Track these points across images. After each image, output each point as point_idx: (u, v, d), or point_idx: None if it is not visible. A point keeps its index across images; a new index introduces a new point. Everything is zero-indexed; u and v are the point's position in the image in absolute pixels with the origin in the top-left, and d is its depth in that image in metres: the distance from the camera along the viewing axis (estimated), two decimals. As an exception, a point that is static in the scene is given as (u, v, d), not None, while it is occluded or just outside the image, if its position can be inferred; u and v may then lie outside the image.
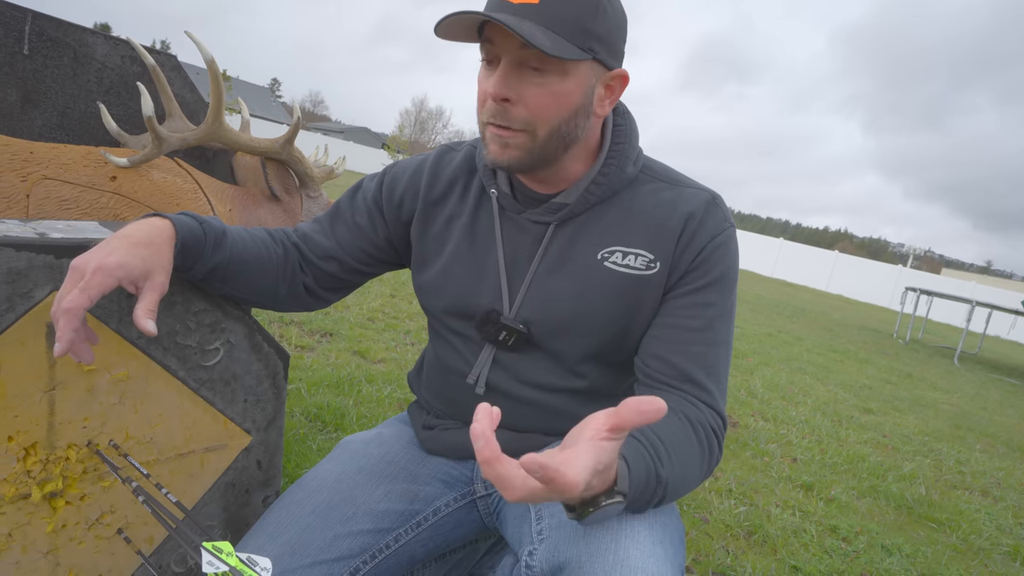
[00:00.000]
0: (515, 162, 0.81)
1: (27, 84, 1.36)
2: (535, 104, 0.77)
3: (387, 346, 3.19)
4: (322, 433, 2.05)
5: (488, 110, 0.79)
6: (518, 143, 0.79)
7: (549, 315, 0.87)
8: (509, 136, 0.79)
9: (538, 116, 0.78)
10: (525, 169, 0.83)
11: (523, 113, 0.78)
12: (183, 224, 0.77)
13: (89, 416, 0.77)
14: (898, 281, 20.59)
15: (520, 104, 0.77)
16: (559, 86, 0.77)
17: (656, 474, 0.67)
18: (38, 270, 0.71)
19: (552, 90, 0.77)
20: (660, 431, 0.72)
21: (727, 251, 0.85)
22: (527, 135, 0.79)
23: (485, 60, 0.79)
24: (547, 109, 0.78)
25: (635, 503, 0.67)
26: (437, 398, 1.00)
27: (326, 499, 0.87)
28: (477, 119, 0.83)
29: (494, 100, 0.77)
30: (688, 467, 0.73)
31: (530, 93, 0.77)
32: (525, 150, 0.80)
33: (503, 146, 0.80)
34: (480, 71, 0.81)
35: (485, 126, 0.81)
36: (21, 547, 0.76)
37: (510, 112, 0.78)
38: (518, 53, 0.75)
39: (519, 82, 0.76)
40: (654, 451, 0.68)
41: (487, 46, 0.77)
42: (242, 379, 0.92)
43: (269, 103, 47.99)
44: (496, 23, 0.72)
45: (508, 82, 0.76)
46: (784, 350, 5.77)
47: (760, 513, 2.14)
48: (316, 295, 0.98)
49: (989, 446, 3.76)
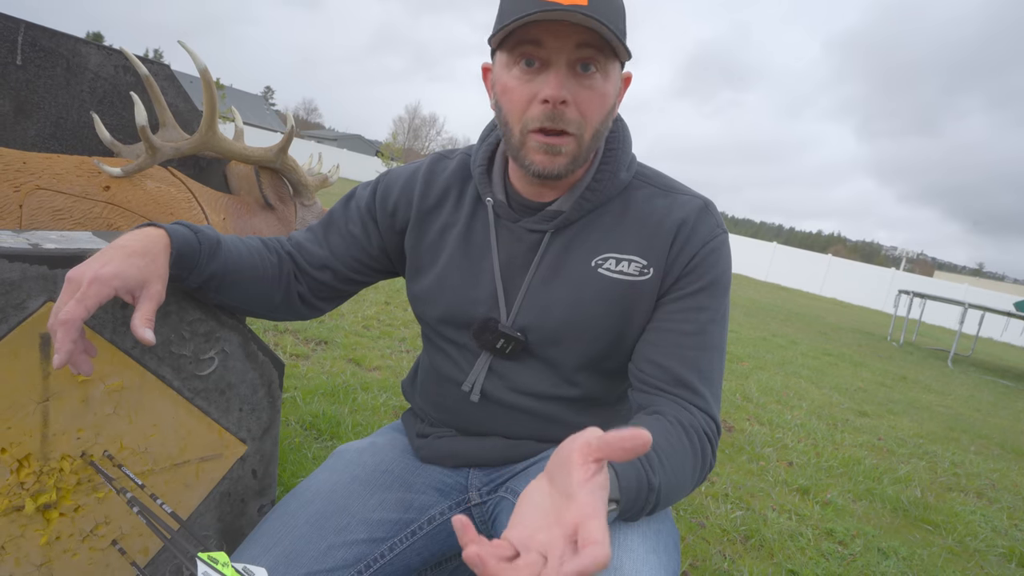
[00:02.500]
0: (564, 169, 0.80)
1: (20, 94, 1.36)
2: (586, 106, 0.77)
3: (382, 354, 3.18)
4: (317, 442, 2.04)
5: (538, 115, 0.76)
6: (568, 149, 0.78)
7: (545, 323, 0.88)
8: (561, 143, 0.78)
9: (588, 118, 0.78)
10: (566, 175, 0.81)
11: (576, 116, 0.77)
12: (178, 233, 0.77)
13: (83, 427, 0.77)
14: (891, 284, 20.68)
15: (573, 107, 0.76)
16: (603, 87, 0.77)
17: (648, 481, 0.67)
18: (31, 281, 0.71)
19: (599, 91, 0.77)
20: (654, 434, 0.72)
21: (719, 256, 0.86)
22: (575, 139, 0.78)
23: (523, 64, 0.77)
24: (595, 111, 0.78)
25: (628, 511, 0.67)
26: (431, 406, 1.00)
27: (320, 509, 0.86)
28: (512, 127, 0.80)
29: (553, 104, 0.75)
30: (681, 473, 0.73)
31: (582, 96, 0.76)
32: (572, 156, 0.79)
33: (553, 154, 0.78)
34: (508, 76, 0.78)
35: (528, 134, 0.78)
36: (15, 560, 0.75)
37: (565, 115, 0.76)
38: (573, 53, 0.74)
39: (572, 84, 0.76)
40: (645, 459, 0.69)
41: (529, 47, 0.75)
42: (237, 388, 0.92)
43: (263, 111, 47.99)
44: (551, 21, 0.71)
45: (566, 84, 0.75)
46: (778, 354, 5.78)
47: (756, 517, 2.14)
48: (310, 304, 0.98)
49: (983, 448, 3.78)
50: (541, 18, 0.71)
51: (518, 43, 0.75)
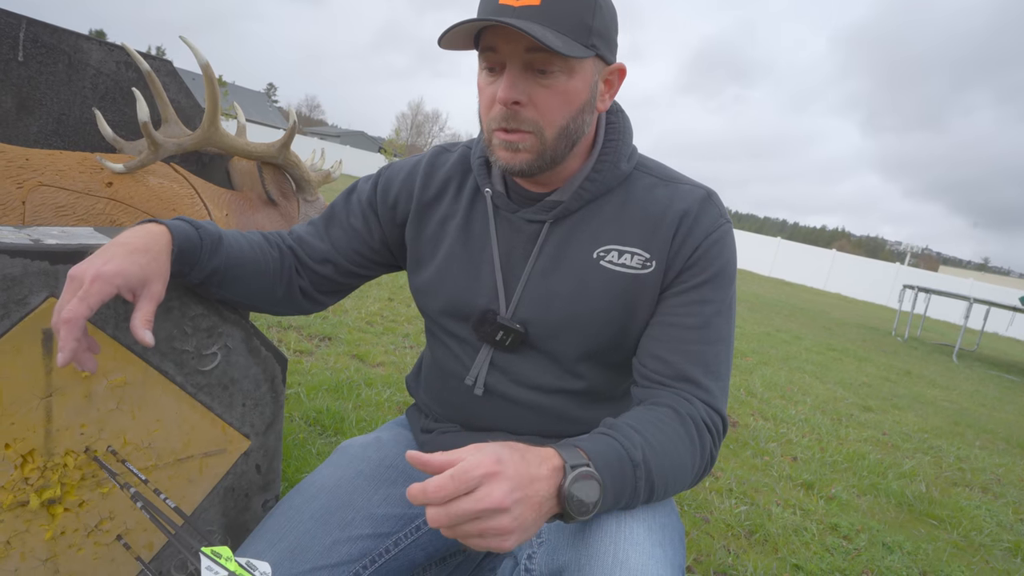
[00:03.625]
0: (527, 165, 0.81)
1: (22, 91, 1.36)
2: (544, 105, 0.77)
3: (386, 349, 3.18)
4: (321, 437, 2.04)
5: (496, 115, 0.78)
6: (527, 145, 0.79)
7: (546, 315, 0.87)
8: (518, 139, 0.79)
9: (547, 117, 0.78)
10: (536, 171, 0.83)
11: (532, 115, 0.78)
12: (179, 230, 0.77)
13: (87, 422, 0.77)
14: (896, 279, 20.62)
15: (530, 106, 0.77)
16: (566, 85, 0.77)
17: (628, 455, 0.68)
18: (33, 276, 0.70)
19: (560, 90, 0.77)
20: (631, 420, 0.74)
21: (723, 247, 0.85)
22: (535, 136, 0.79)
23: (487, 67, 0.79)
24: (556, 110, 0.78)
25: (618, 490, 0.67)
26: (436, 401, 1.00)
27: (325, 504, 0.86)
28: (482, 127, 0.83)
29: (504, 105, 0.77)
30: (675, 456, 0.73)
31: (539, 95, 0.77)
32: (535, 152, 0.80)
33: (513, 151, 0.80)
34: (480, 78, 0.81)
35: (492, 133, 0.81)
36: (20, 555, 0.76)
37: (520, 114, 0.78)
38: (524, 57, 0.75)
39: (527, 85, 0.76)
40: (620, 435, 0.70)
41: (488, 54, 0.77)
42: (240, 383, 0.91)
43: (265, 108, 48.02)
44: (503, 27, 0.72)
45: (517, 86, 0.76)
46: (783, 349, 5.77)
47: (761, 512, 2.14)
48: (312, 298, 0.98)
49: (988, 442, 3.76)
50: (483, 25, 0.73)
51: (484, 48, 0.77)
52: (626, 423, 0.73)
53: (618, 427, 0.72)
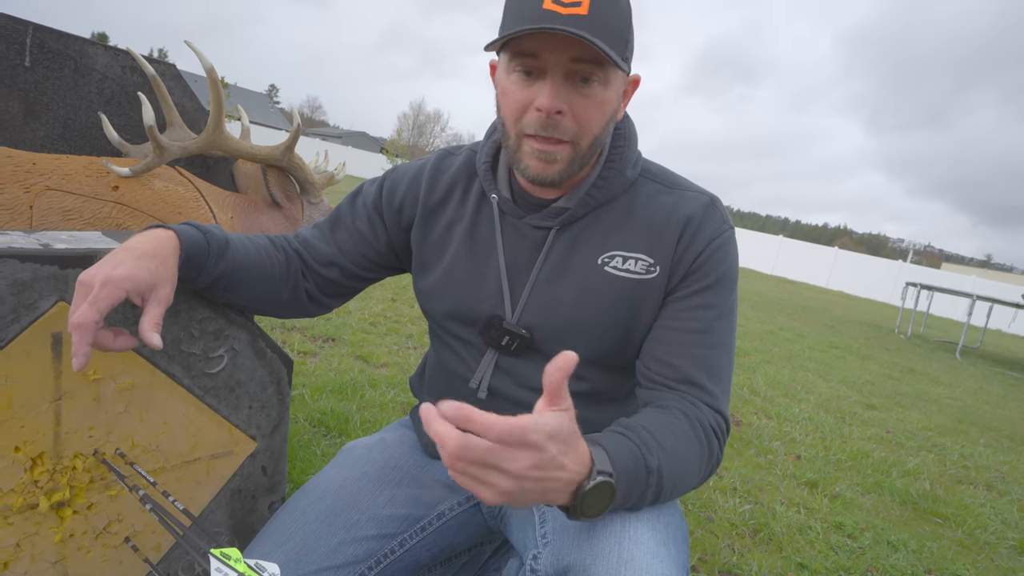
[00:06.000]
0: (559, 176, 0.81)
1: (29, 96, 1.36)
2: (583, 115, 0.77)
3: (389, 350, 3.19)
4: (326, 438, 2.05)
5: (533, 122, 0.77)
6: (564, 156, 0.79)
7: (551, 320, 0.88)
8: (556, 150, 0.78)
9: (584, 127, 0.78)
10: (563, 181, 0.82)
11: (572, 125, 0.77)
12: (187, 235, 0.78)
13: (95, 425, 0.78)
14: (898, 276, 20.57)
15: (569, 115, 0.77)
16: (602, 96, 0.77)
17: (645, 462, 0.68)
18: (43, 281, 0.71)
19: (597, 100, 0.77)
20: (646, 423, 0.73)
21: (726, 253, 0.86)
22: (571, 147, 0.79)
23: (522, 71, 0.77)
24: (593, 120, 0.78)
25: (630, 494, 0.67)
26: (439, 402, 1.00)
27: (330, 505, 0.87)
28: (506, 130, 0.81)
29: (547, 113, 0.76)
30: (684, 460, 0.74)
31: (579, 105, 0.76)
32: (568, 162, 0.80)
33: (549, 161, 0.79)
34: (508, 81, 0.79)
35: (523, 139, 0.79)
36: (29, 557, 0.76)
37: (561, 123, 0.77)
38: (568, 66, 0.74)
39: (568, 94, 0.76)
40: (638, 439, 0.69)
41: (527, 59, 0.75)
42: (246, 386, 0.92)
43: (267, 109, 48.06)
44: (548, 33, 0.71)
45: (561, 94, 0.75)
46: (785, 347, 5.77)
47: (765, 511, 2.14)
48: (318, 301, 0.98)
49: (993, 440, 3.76)
50: (536, 31, 0.71)
51: (518, 53, 0.75)
52: (641, 425, 0.72)
53: (635, 429, 0.71)
